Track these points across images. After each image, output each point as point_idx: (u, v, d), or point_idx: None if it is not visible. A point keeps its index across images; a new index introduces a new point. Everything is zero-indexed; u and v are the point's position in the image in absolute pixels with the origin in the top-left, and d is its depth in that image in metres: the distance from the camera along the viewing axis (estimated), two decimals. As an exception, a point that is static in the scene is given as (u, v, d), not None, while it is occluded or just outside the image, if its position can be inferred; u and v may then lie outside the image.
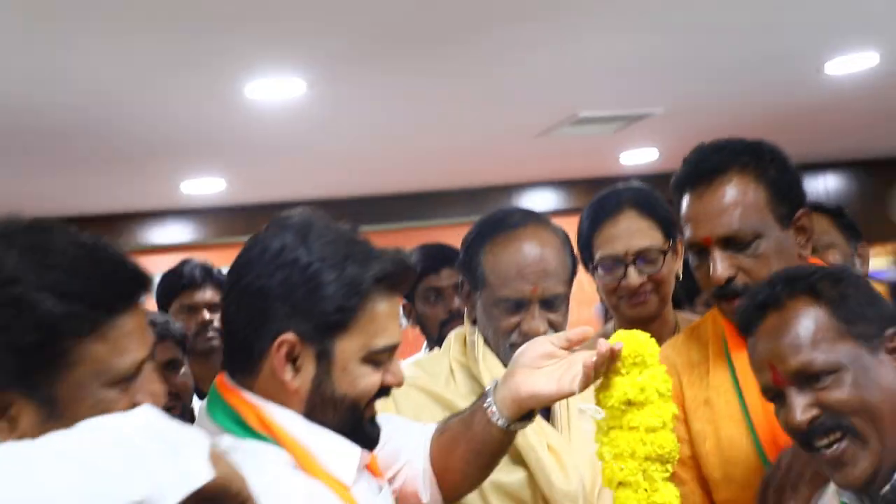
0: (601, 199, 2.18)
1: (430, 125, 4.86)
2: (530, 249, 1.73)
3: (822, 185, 7.38)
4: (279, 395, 1.30)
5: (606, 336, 2.22)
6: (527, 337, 1.71)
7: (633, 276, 2.07)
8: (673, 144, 5.83)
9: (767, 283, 1.45)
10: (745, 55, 4.24)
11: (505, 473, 1.73)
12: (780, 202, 1.73)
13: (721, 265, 1.69)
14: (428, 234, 6.39)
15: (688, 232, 1.76)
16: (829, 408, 1.34)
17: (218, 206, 6.30)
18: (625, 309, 2.12)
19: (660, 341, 2.13)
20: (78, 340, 1.06)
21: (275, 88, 3.92)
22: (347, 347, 1.30)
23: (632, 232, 2.09)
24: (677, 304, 2.34)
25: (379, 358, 1.33)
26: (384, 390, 1.36)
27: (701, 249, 1.74)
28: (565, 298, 1.77)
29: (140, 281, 1.16)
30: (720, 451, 1.73)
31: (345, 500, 1.30)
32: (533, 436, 1.74)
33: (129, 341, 1.11)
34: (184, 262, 3.14)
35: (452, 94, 4.34)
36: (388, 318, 1.33)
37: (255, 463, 1.23)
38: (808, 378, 1.36)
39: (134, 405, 1.12)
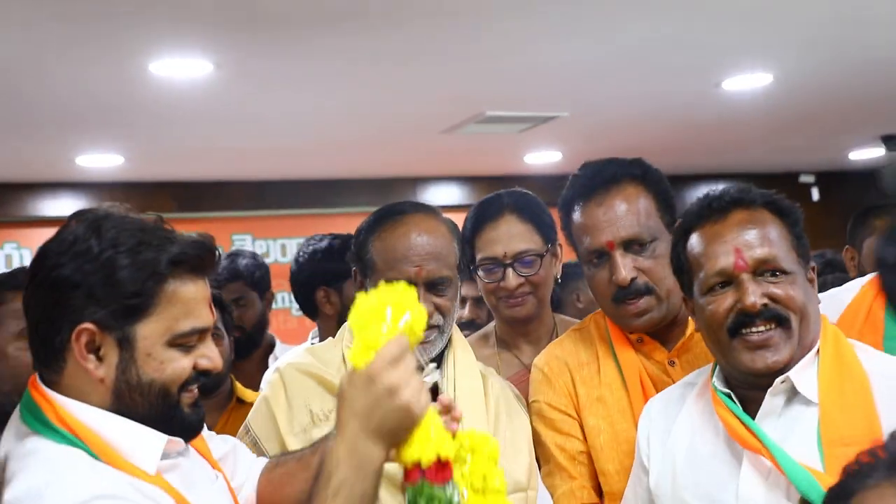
0: (483, 203, 2.25)
1: (337, 113, 4.85)
2: (416, 234, 1.77)
3: (715, 196, 7.66)
4: (85, 389, 1.29)
5: (487, 336, 2.27)
6: None
7: (511, 278, 2.13)
8: (576, 147, 5.97)
9: (736, 189, 1.63)
10: (649, 66, 4.38)
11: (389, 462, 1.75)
12: (665, 210, 1.88)
13: (625, 267, 1.80)
14: (331, 222, 6.39)
15: (587, 241, 1.85)
16: (778, 300, 1.54)
17: (114, 181, 6.14)
18: (503, 309, 2.18)
19: (538, 342, 2.22)
20: None
21: (181, 68, 3.85)
22: (150, 332, 1.29)
23: (511, 235, 2.15)
24: (555, 307, 2.43)
25: (186, 341, 1.32)
26: (201, 375, 1.35)
27: (600, 255, 1.84)
28: (452, 283, 1.81)
29: None
30: (616, 443, 1.84)
31: (151, 483, 1.29)
32: None
33: None
34: None
35: (360, 84, 4.34)
36: (193, 301, 1.32)
37: (47, 465, 1.23)
38: (766, 271, 1.54)
39: None
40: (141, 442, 1.30)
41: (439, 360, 1.82)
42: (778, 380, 1.53)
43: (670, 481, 1.62)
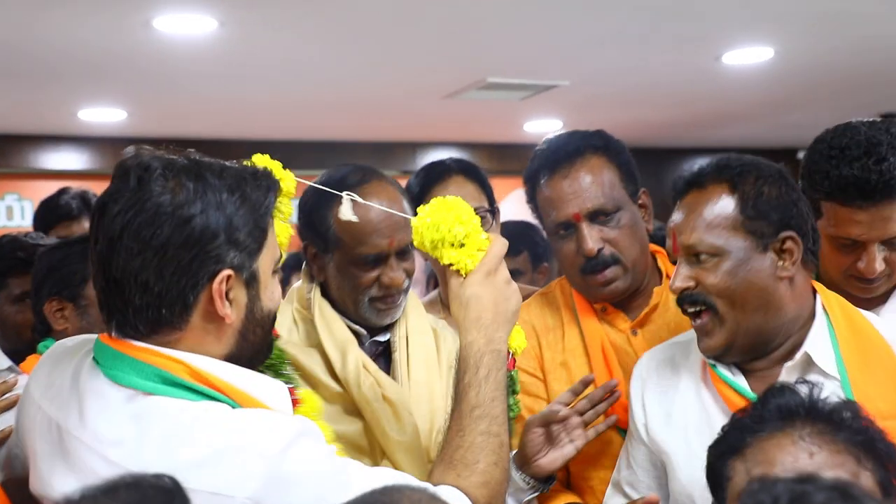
0: (427, 168, 2.30)
1: (339, 75, 4.86)
2: (380, 205, 1.71)
3: (714, 170, 7.69)
4: (208, 340, 1.28)
5: (433, 303, 2.28)
6: (387, 289, 1.77)
7: None
8: (576, 117, 5.99)
9: (705, 165, 1.64)
10: (649, 37, 4.40)
11: (344, 424, 1.76)
12: (628, 181, 1.91)
13: (591, 238, 1.83)
14: (330, 184, 6.37)
15: (553, 213, 1.88)
16: (701, 285, 1.57)
17: (117, 136, 6.16)
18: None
19: None
20: None
21: (184, 23, 3.87)
22: (265, 264, 1.31)
23: (461, 195, 2.14)
24: None
25: (276, 267, 1.36)
26: None
27: (567, 227, 1.87)
28: (412, 245, 1.81)
29: None
30: None
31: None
32: (369, 389, 1.77)
33: None
34: (61, 192, 3.05)
35: (363, 47, 4.36)
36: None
37: (211, 419, 1.22)
38: (694, 255, 1.58)
39: None
40: (273, 391, 1.32)
41: None
42: (798, 355, 1.56)
43: (684, 449, 1.62)
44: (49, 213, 2.92)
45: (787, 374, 1.57)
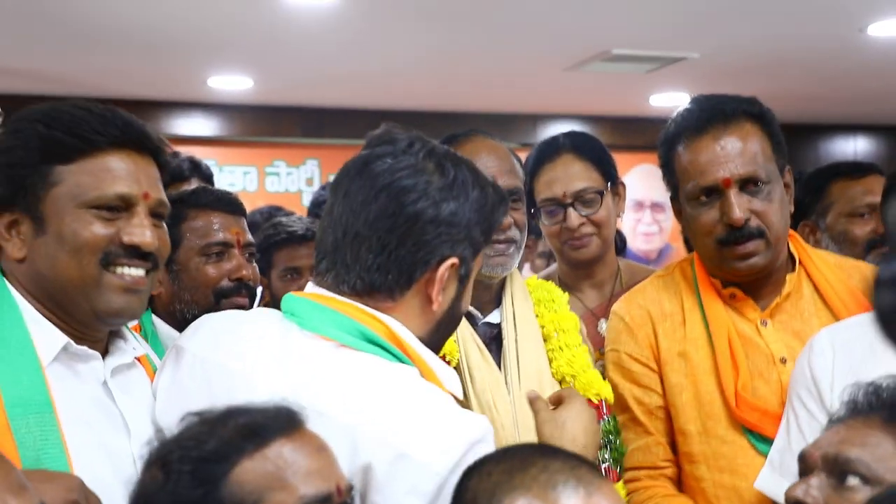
0: (541, 145, 2.25)
1: (461, 47, 4.82)
2: (485, 154, 1.76)
3: (853, 147, 7.30)
4: (411, 315, 1.33)
5: (549, 278, 2.19)
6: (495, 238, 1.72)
7: (573, 217, 2.12)
8: (705, 91, 5.75)
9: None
10: (788, 7, 4.17)
11: None
12: (779, 154, 1.78)
13: (740, 207, 1.70)
14: (449, 155, 6.35)
15: (697, 177, 1.74)
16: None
17: (243, 104, 6.31)
18: (568, 251, 2.17)
19: (602, 285, 2.19)
20: (60, 164, 1.31)
21: (310, -8, 3.91)
22: (476, 267, 1.37)
23: (569, 175, 2.14)
24: (619, 251, 2.39)
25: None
26: None
27: (711, 193, 1.73)
28: (522, 195, 1.78)
29: (125, 129, 1.34)
30: (699, 404, 1.76)
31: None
32: (485, 393, 1.71)
33: (109, 176, 1.31)
34: (171, 156, 3.15)
35: (486, 18, 4.30)
36: None
37: (411, 387, 1.27)
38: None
39: (122, 244, 1.32)
40: (452, 377, 1.36)
41: (498, 299, 1.79)
42: None
43: None
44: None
45: None
